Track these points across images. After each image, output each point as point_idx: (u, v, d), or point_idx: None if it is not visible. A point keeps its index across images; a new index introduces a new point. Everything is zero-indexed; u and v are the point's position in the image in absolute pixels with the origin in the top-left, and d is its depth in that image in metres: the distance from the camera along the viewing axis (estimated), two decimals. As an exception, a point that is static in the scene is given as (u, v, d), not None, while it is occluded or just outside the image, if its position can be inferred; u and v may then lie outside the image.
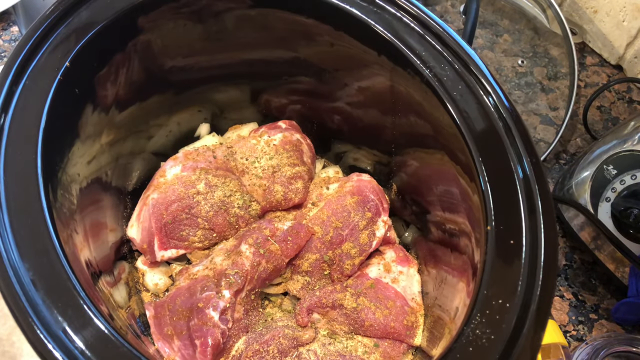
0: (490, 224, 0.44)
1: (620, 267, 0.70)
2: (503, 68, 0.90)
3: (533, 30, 0.93)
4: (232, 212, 0.63)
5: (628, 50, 0.88)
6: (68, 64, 0.49)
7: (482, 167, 0.47)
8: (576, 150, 0.85)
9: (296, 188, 0.65)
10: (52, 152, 0.47)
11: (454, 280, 0.55)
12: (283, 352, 0.55)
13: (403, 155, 0.65)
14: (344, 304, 0.59)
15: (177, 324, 0.56)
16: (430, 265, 0.63)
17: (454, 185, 0.53)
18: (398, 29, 0.53)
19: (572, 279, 0.75)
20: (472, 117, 0.49)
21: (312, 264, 0.62)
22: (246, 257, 0.58)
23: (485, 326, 0.40)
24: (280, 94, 0.71)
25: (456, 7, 0.96)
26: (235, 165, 0.65)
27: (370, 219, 0.63)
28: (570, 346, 0.70)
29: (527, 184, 0.46)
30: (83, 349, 0.39)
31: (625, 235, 0.68)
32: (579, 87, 0.89)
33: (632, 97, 0.89)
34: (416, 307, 0.62)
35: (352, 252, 0.62)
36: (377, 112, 0.63)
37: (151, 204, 0.61)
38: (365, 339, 0.59)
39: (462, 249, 0.53)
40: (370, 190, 0.64)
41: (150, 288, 0.64)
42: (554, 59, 0.91)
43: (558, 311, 0.73)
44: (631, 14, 0.84)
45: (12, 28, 0.88)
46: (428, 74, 0.51)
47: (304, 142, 0.69)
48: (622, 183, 0.70)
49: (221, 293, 0.56)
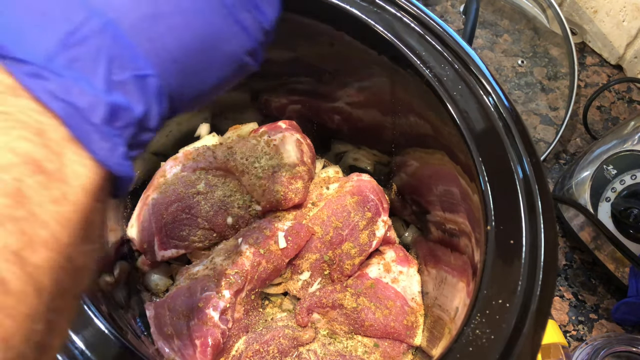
0: (490, 224, 0.44)
1: (620, 267, 0.70)
2: (503, 68, 0.90)
3: (533, 30, 0.93)
4: (232, 212, 0.63)
5: (628, 50, 0.88)
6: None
7: (482, 167, 0.47)
8: (576, 150, 0.85)
9: (296, 188, 0.65)
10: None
11: (454, 280, 0.55)
12: (283, 352, 0.55)
13: (403, 155, 0.65)
14: (344, 304, 0.59)
15: (177, 324, 0.56)
16: (430, 265, 0.63)
17: (454, 185, 0.53)
18: (398, 29, 0.53)
19: (572, 279, 0.75)
20: (472, 117, 0.49)
21: (312, 264, 0.62)
22: (246, 257, 0.58)
23: (485, 326, 0.40)
24: (280, 94, 0.71)
25: (456, 7, 0.96)
26: (235, 165, 0.65)
27: (370, 219, 0.63)
28: (570, 346, 0.70)
29: (527, 184, 0.46)
30: (83, 349, 0.39)
31: (625, 235, 0.68)
32: (579, 87, 0.89)
33: (632, 97, 0.89)
34: (416, 307, 0.62)
35: (352, 252, 0.62)
36: (377, 112, 0.63)
37: (151, 204, 0.61)
38: (365, 339, 0.59)
39: (462, 249, 0.53)
40: (370, 190, 0.64)
41: (150, 288, 0.64)
42: (554, 59, 0.91)
43: (558, 311, 0.73)
44: (631, 14, 0.84)
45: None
46: (428, 74, 0.51)
47: (304, 142, 0.69)
48: (622, 183, 0.70)
49: (221, 293, 0.56)
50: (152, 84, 0.28)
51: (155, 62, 0.28)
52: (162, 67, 0.28)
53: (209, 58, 0.30)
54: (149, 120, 0.28)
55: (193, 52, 0.29)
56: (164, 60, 0.28)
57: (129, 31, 0.27)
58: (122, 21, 0.27)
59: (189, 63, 0.29)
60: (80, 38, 0.25)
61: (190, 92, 0.31)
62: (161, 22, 0.28)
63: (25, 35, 0.25)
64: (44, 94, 0.24)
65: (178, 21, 0.28)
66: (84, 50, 0.25)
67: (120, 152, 0.26)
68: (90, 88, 0.25)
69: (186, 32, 0.29)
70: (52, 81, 0.25)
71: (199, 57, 0.30)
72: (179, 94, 0.30)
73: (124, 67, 0.26)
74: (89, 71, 0.25)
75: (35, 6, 0.26)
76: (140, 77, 0.27)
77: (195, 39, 0.29)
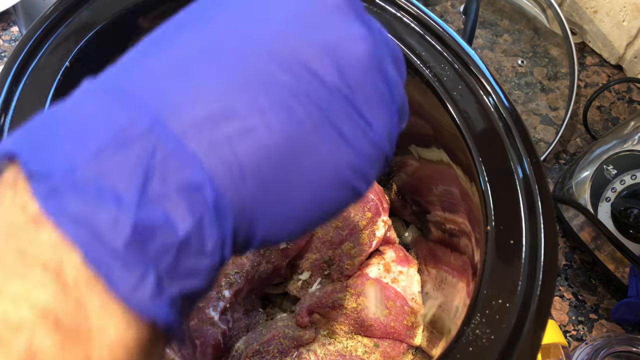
0: (490, 224, 0.44)
1: (620, 267, 0.70)
2: (503, 68, 0.90)
3: (533, 30, 0.93)
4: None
5: (628, 50, 0.88)
6: (68, 64, 0.49)
7: (482, 167, 0.47)
8: (576, 150, 0.85)
9: (296, 188, 0.65)
10: (52, 152, 0.47)
11: (454, 280, 0.55)
12: (283, 352, 0.55)
13: (403, 155, 0.65)
14: (344, 304, 0.59)
15: (177, 324, 0.56)
16: (430, 265, 0.63)
17: (454, 185, 0.53)
18: (398, 29, 0.53)
19: (572, 279, 0.75)
20: (472, 117, 0.49)
21: (312, 264, 0.62)
22: (246, 257, 0.58)
23: (485, 326, 0.40)
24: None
25: (456, 7, 0.96)
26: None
27: (370, 219, 0.63)
28: (570, 346, 0.70)
29: (527, 184, 0.46)
30: (83, 349, 0.39)
31: (625, 235, 0.68)
32: (579, 87, 0.89)
33: (632, 97, 0.89)
34: (416, 307, 0.62)
35: (352, 252, 0.62)
36: (377, 112, 0.63)
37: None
38: (365, 339, 0.59)
39: (462, 249, 0.53)
40: (370, 190, 0.64)
41: (150, 288, 0.64)
42: (554, 59, 0.91)
43: (558, 311, 0.73)
44: (631, 14, 0.84)
45: (12, 28, 0.88)
46: (428, 74, 0.51)
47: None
48: (622, 183, 0.70)
49: (221, 293, 0.56)
50: (206, 197, 0.21)
51: (217, 172, 0.21)
52: (228, 179, 0.22)
53: (296, 172, 0.23)
54: (203, 242, 0.21)
55: (273, 162, 0.22)
56: (231, 170, 0.21)
57: (186, 132, 0.21)
58: (178, 120, 0.21)
59: (268, 175, 0.22)
60: (118, 144, 0.20)
61: (274, 215, 0.23)
62: (232, 121, 0.22)
63: (49, 144, 0.20)
64: (60, 217, 0.19)
65: (255, 122, 0.22)
66: (119, 157, 0.20)
67: (148, 286, 0.19)
68: (115, 203, 0.19)
69: (265, 136, 0.22)
70: (70, 198, 0.19)
71: (282, 170, 0.23)
72: (260, 216, 0.23)
73: (169, 177, 0.20)
74: (120, 182, 0.19)
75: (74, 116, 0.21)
76: (189, 189, 0.20)
77: (277, 145, 0.22)
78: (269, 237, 0.24)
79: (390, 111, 0.26)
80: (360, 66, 0.24)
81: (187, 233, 0.20)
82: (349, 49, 0.23)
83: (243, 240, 0.23)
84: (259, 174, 0.22)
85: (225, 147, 0.21)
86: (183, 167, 0.20)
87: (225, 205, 0.21)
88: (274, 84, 0.22)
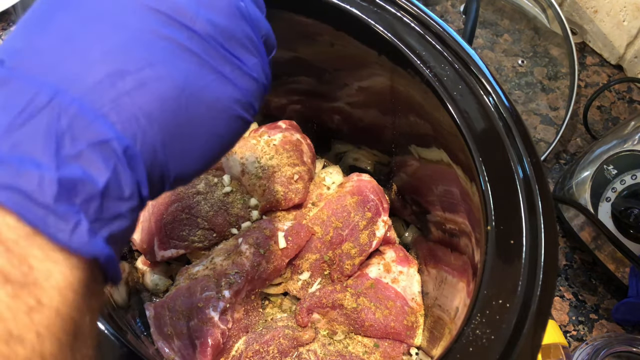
0: (490, 224, 0.44)
1: (620, 267, 0.70)
2: (503, 68, 0.90)
3: (533, 30, 0.93)
4: (232, 212, 0.63)
5: (628, 50, 0.88)
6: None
7: (482, 167, 0.47)
8: (576, 150, 0.85)
9: (296, 188, 0.65)
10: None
11: (454, 280, 0.55)
12: (283, 352, 0.55)
13: (403, 155, 0.65)
14: (344, 304, 0.59)
15: (177, 324, 0.56)
16: (430, 265, 0.63)
17: (454, 185, 0.53)
18: (398, 29, 0.53)
19: (572, 279, 0.75)
20: (472, 117, 0.49)
21: (312, 264, 0.62)
22: (246, 257, 0.58)
23: (485, 326, 0.40)
24: (280, 94, 0.71)
25: (456, 7, 0.96)
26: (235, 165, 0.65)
27: (370, 219, 0.63)
28: (570, 346, 0.69)
29: (527, 184, 0.46)
30: (83, 349, 0.39)
31: (626, 235, 0.68)
32: (579, 87, 0.89)
33: (632, 97, 0.89)
34: (416, 307, 0.62)
35: (352, 252, 0.62)
36: (377, 112, 0.63)
37: (151, 204, 0.61)
38: (365, 339, 0.59)
39: (462, 249, 0.53)
40: (370, 190, 0.64)
41: (150, 288, 0.64)
42: (554, 59, 0.91)
43: (558, 311, 0.73)
44: (631, 14, 0.84)
45: (12, 28, 0.88)
46: (428, 74, 0.51)
47: (304, 142, 0.69)
48: (622, 183, 0.70)
49: (221, 293, 0.56)
50: (115, 148, 0.24)
51: (122, 124, 0.25)
52: (134, 128, 0.25)
53: (193, 112, 0.27)
54: (121, 189, 0.24)
55: (171, 106, 0.26)
56: (135, 120, 0.25)
57: (86, 96, 0.24)
58: (76, 87, 0.24)
59: (169, 119, 0.26)
60: (24, 118, 0.23)
61: (182, 153, 0.27)
62: (126, 78, 0.25)
63: None
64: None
65: (147, 74, 0.25)
66: (29, 129, 0.23)
67: (83, 230, 0.23)
68: (36, 168, 0.22)
69: (159, 85, 0.26)
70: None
71: (180, 112, 0.26)
72: (170, 156, 0.27)
73: (79, 136, 0.23)
74: (35, 151, 0.23)
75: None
76: (98, 144, 0.24)
77: (171, 91, 0.26)
78: (181, 174, 0.28)
79: (258, 48, 0.31)
80: (224, 14, 0.28)
81: (105, 181, 0.24)
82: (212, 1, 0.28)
83: (159, 181, 0.27)
84: (162, 119, 0.26)
85: (125, 101, 0.25)
86: (89, 125, 0.24)
87: (135, 153, 0.25)
88: (156, 39, 0.26)
